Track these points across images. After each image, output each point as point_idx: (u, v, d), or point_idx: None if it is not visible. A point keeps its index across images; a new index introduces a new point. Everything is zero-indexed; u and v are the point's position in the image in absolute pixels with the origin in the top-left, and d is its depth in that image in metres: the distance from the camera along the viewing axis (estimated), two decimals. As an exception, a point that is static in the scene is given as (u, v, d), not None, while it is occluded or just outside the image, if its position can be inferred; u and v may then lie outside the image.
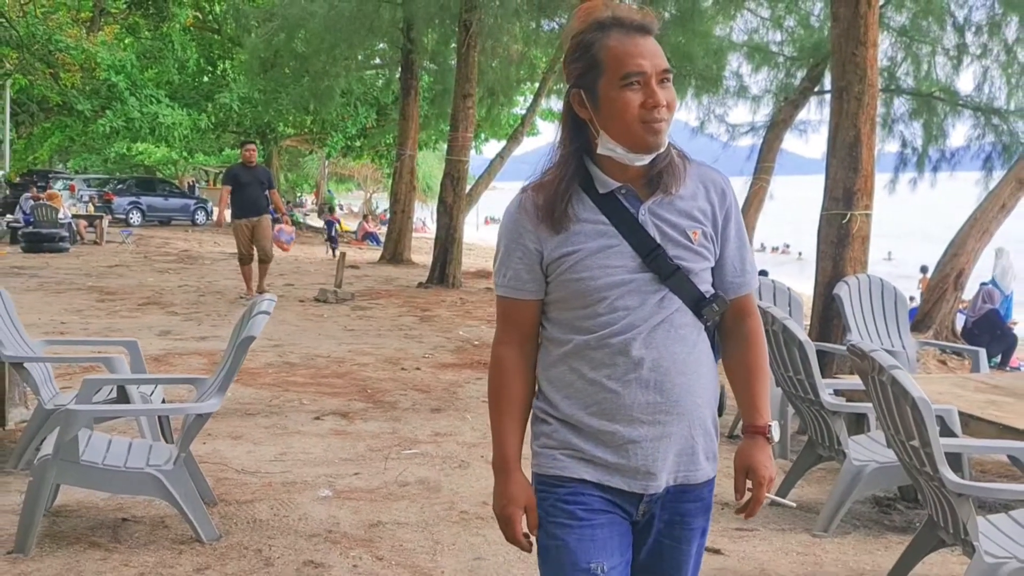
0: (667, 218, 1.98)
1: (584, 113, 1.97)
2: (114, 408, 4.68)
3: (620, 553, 2.01)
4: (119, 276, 15.49)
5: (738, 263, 2.08)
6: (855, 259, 7.08)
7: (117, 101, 25.91)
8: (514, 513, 2.01)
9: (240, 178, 12.42)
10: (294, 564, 3.88)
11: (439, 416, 6.59)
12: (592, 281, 1.94)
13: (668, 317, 1.96)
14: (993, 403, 4.91)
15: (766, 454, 2.06)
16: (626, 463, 1.97)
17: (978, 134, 15.68)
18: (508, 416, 2.05)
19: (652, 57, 1.92)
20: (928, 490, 3.67)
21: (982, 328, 13.15)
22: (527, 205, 2.01)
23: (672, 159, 2.00)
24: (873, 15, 6.84)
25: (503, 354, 2.07)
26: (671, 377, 1.96)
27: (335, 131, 30.91)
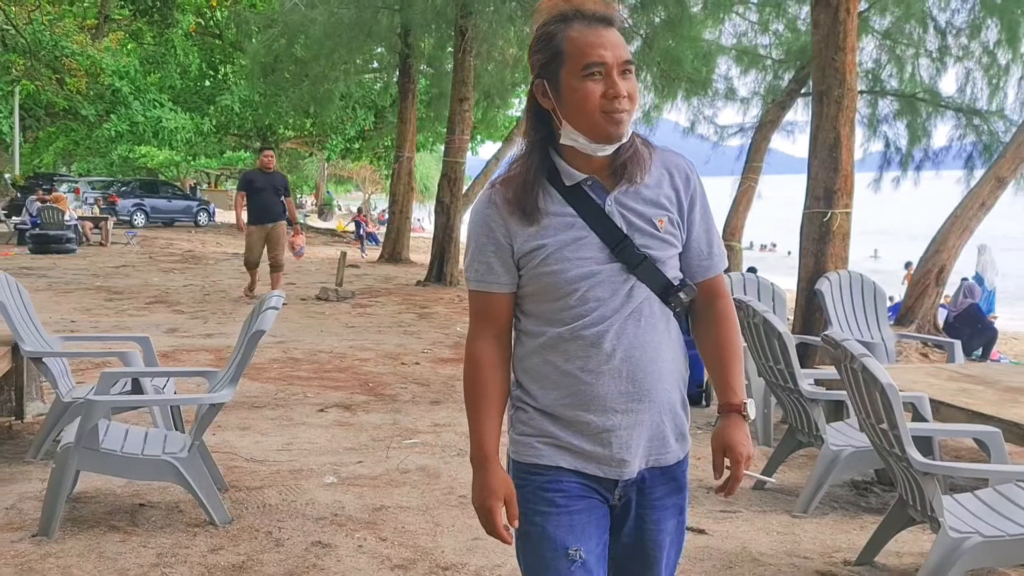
0: (633, 207, 1.97)
1: (547, 103, 1.95)
2: (132, 399, 4.84)
3: (597, 537, 2.02)
4: (125, 276, 15.63)
5: (705, 247, 2.07)
6: (836, 255, 7.25)
7: (121, 106, 26.07)
8: (494, 505, 1.99)
9: (255, 183, 12.19)
10: (303, 544, 4.05)
11: (438, 408, 6.76)
12: (563, 274, 1.94)
13: (638, 307, 1.95)
14: (964, 391, 5.08)
15: (743, 432, 2.05)
16: (601, 451, 1.98)
17: (960, 134, 15.86)
18: (485, 411, 2.03)
19: (614, 48, 1.89)
20: (898, 470, 3.84)
21: (963, 322, 13.31)
22: (496, 200, 1.99)
23: (636, 148, 1.99)
24: (852, 22, 7.01)
25: (478, 349, 2.05)
26: (642, 366, 1.96)
27: (334, 134, 31.08)
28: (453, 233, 16.19)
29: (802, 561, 4.08)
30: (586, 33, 1.89)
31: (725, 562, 4.00)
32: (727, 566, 3.96)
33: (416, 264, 19.62)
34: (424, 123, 25.14)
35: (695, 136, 19.26)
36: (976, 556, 3.54)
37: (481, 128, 25.77)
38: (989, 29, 14.98)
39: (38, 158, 36.68)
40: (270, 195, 12.19)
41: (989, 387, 5.20)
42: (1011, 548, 3.58)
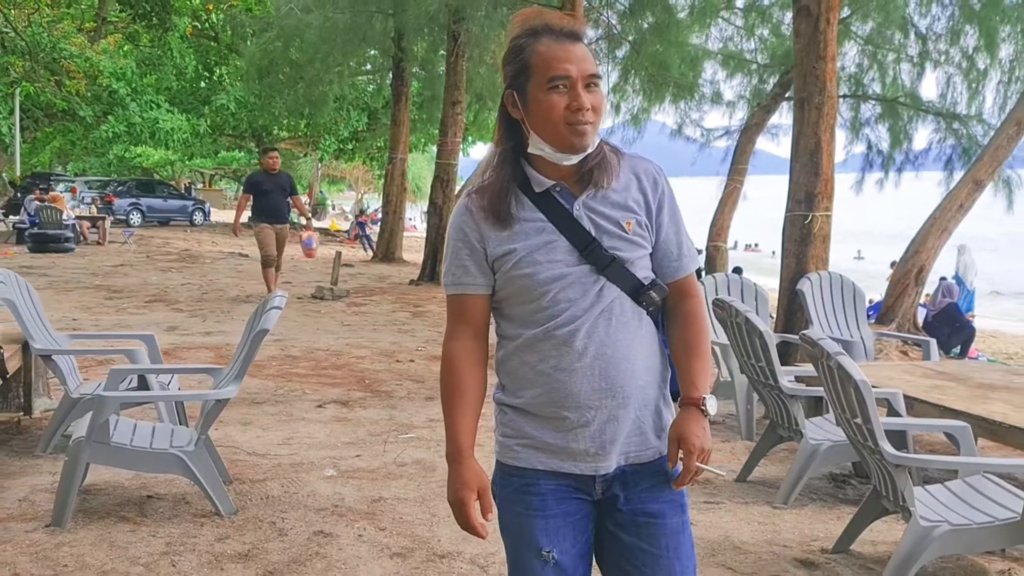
0: (601, 211, 2.01)
1: (516, 113, 2.00)
2: (141, 394, 4.94)
3: (573, 539, 2.05)
4: (124, 275, 15.70)
5: (674, 248, 2.10)
6: (817, 257, 7.39)
7: (119, 107, 26.12)
8: (467, 496, 2.02)
9: (262, 185, 12.08)
10: (305, 534, 4.17)
11: (432, 404, 6.87)
12: (534, 276, 1.98)
13: (608, 306, 1.99)
14: (937, 387, 5.23)
15: (700, 425, 2.03)
16: (576, 446, 2.01)
17: (939, 137, 16.06)
18: (460, 409, 2.06)
19: (579, 62, 1.94)
20: (872, 463, 3.98)
21: (942, 321, 13.48)
22: (471, 207, 2.04)
23: (604, 156, 2.03)
24: (832, 31, 7.16)
25: (454, 350, 2.08)
26: (615, 363, 1.98)
27: (328, 134, 31.16)
28: (446, 233, 16.29)
29: (782, 549, 4.22)
30: (553, 48, 1.94)
31: (708, 550, 4.14)
32: (710, 554, 4.10)
33: (409, 263, 19.75)
34: (416, 125, 25.24)
35: (682, 138, 19.45)
36: (945, 544, 3.68)
37: (472, 130, 25.89)
38: (968, 35, 15.17)
39: (35, 158, 36.61)
40: (278, 196, 12.13)
41: (961, 384, 5.35)
42: (978, 536, 3.73)
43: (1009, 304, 27.19)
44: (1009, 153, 12.59)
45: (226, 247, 23.76)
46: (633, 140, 18.35)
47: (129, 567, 3.73)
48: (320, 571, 3.76)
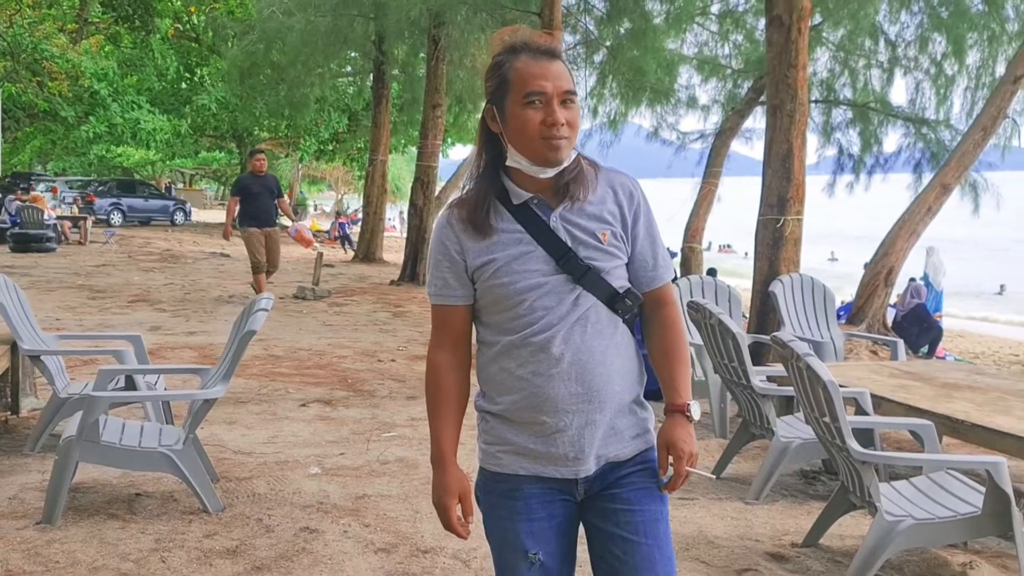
0: (577, 223, 2.05)
1: (495, 127, 2.05)
2: (130, 395, 4.98)
3: (557, 541, 2.10)
4: (107, 275, 15.65)
5: (650, 258, 2.13)
6: (789, 259, 7.51)
7: (100, 107, 25.98)
8: (449, 502, 2.09)
9: (251, 188, 11.89)
10: (292, 530, 4.23)
11: (414, 403, 6.94)
12: (512, 285, 2.02)
13: (584, 314, 2.03)
14: (903, 387, 5.36)
15: (686, 431, 2.09)
16: (555, 451, 2.05)
17: (909, 142, 16.28)
18: (444, 415, 2.12)
19: (555, 79, 1.98)
20: (839, 460, 4.09)
21: (911, 321, 13.68)
22: (452, 220, 2.09)
23: (581, 169, 2.07)
24: (803, 41, 7.28)
25: (438, 358, 2.15)
26: (590, 369, 2.02)
27: (308, 136, 31.12)
28: (426, 234, 16.36)
29: (753, 543, 4.32)
30: (530, 65, 1.98)
31: (683, 545, 4.23)
32: (685, 548, 4.19)
33: (389, 264, 19.79)
34: (396, 127, 25.27)
35: (658, 140, 19.57)
36: (909, 537, 3.80)
37: (452, 132, 25.94)
38: (936, 42, 15.37)
39: (15, 157, 36.33)
40: (266, 199, 11.95)
41: (927, 383, 5.48)
42: (940, 530, 3.85)
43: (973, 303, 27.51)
44: (975, 158, 12.78)
45: (207, 247, 23.70)
46: (610, 143, 18.45)
47: (120, 563, 3.78)
48: (307, 566, 3.83)
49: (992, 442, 4.44)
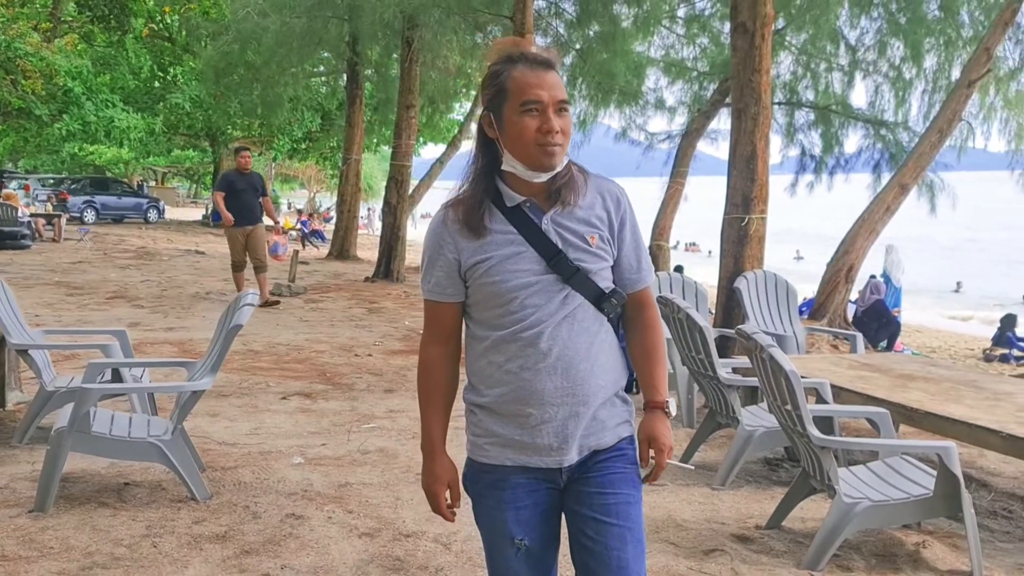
0: (567, 226, 2.11)
1: (492, 133, 2.11)
2: (121, 386, 5.06)
3: (541, 527, 2.18)
4: (83, 272, 15.59)
5: (634, 262, 2.21)
6: (753, 256, 7.69)
7: (74, 105, 25.78)
8: (439, 490, 2.19)
9: (235, 185, 11.63)
10: (278, 516, 4.33)
11: (392, 396, 7.05)
12: (504, 284, 2.08)
13: (571, 312, 2.10)
14: (861, 378, 5.55)
15: (665, 426, 2.20)
16: (540, 441, 2.11)
17: (868, 143, 16.56)
18: (434, 406, 2.21)
19: (551, 89, 2.04)
20: (801, 446, 4.26)
21: (870, 316, 13.93)
22: (447, 220, 2.14)
23: (572, 175, 2.13)
24: (766, 47, 7.46)
25: (429, 352, 2.23)
26: (575, 364, 2.09)
27: (282, 134, 31.03)
28: (400, 232, 16.46)
29: (720, 526, 4.48)
30: (527, 74, 2.05)
31: (653, 527, 4.38)
32: (655, 531, 4.34)
33: (363, 261, 19.83)
34: (370, 126, 25.28)
35: (627, 141, 19.74)
36: (865, 518, 3.97)
37: (425, 132, 25.99)
38: (895, 47, 15.65)
39: (-14, 154, 36.00)
40: (250, 196, 11.71)
41: (884, 375, 5.67)
42: (895, 511, 4.03)
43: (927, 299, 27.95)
44: (932, 159, 13.05)
45: (182, 244, 23.62)
46: (580, 143, 18.57)
47: (113, 548, 3.86)
48: (294, 550, 3.93)
49: (943, 429, 4.63)
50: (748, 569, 3.94)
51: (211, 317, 10.76)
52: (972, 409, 4.78)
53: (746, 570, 3.93)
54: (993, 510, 4.98)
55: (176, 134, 32.94)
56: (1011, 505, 5.08)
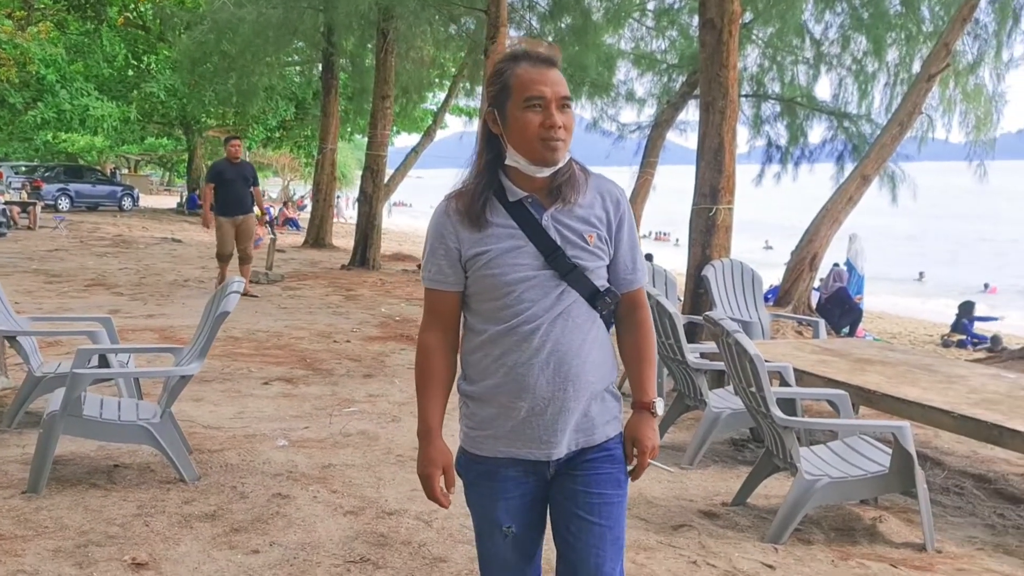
0: (567, 223, 2.13)
1: (496, 129, 2.13)
2: (111, 371, 5.13)
3: (529, 516, 2.24)
4: (60, 260, 15.51)
5: (629, 262, 2.23)
6: (720, 245, 7.85)
7: (48, 94, 25.54)
8: (433, 473, 2.18)
9: (225, 174, 11.29)
10: (265, 496, 4.44)
11: (371, 381, 7.16)
12: (502, 277, 2.10)
13: (566, 309, 2.12)
14: (823, 362, 5.73)
15: (651, 426, 2.23)
16: (531, 434, 2.15)
17: (832, 135, 16.81)
18: (431, 393, 2.21)
19: (553, 85, 2.07)
20: (764, 426, 4.42)
21: (833, 303, 14.20)
22: (449, 211, 2.16)
23: (573, 173, 2.15)
24: (733, 42, 7.60)
25: (428, 340, 2.23)
26: (568, 360, 2.11)
27: (256, 123, 30.87)
28: (375, 220, 16.52)
29: (688, 503, 4.64)
30: (531, 71, 2.08)
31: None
32: (627, 507, 4.48)
33: (339, 249, 19.85)
34: (345, 116, 25.24)
35: (598, 131, 19.88)
36: (825, 494, 4.15)
37: (399, 121, 25.98)
38: (858, 41, 15.89)
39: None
40: (240, 186, 11.37)
41: (843, 359, 5.86)
42: (853, 487, 4.21)
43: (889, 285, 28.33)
44: (893, 151, 13.31)
45: (158, 232, 23.50)
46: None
47: (106, 527, 3.96)
48: (282, 528, 4.05)
49: (899, 410, 4.82)
50: (714, 543, 4.11)
51: (190, 304, 10.81)
52: (926, 391, 4.98)
53: (712, 544, 4.10)
54: (946, 487, 5.18)
55: (150, 122, 32.69)
56: (963, 482, 5.29)
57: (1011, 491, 5.18)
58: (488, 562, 2.31)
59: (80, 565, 3.57)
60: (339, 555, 3.77)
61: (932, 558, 4.07)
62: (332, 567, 3.65)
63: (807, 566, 3.90)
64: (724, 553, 4.00)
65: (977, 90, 14.78)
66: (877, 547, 4.18)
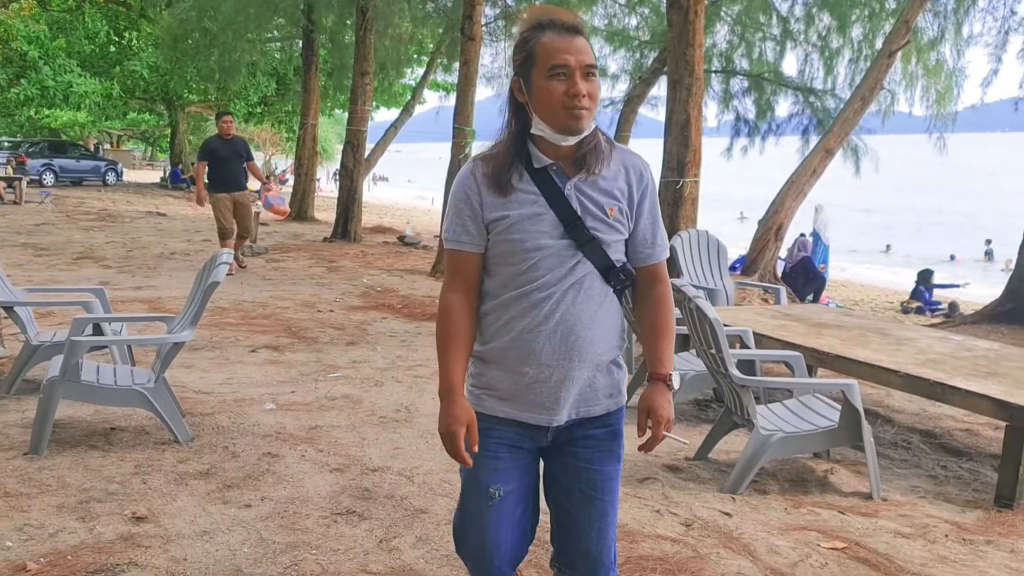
0: (589, 194, 2.10)
1: (522, 98, 2.09)
2: (107, 339, 5.25)
3: (519, 480, 2.23)
4: (47, 234, 15.49)
5: (649, 236, 2.20)
6: (687, 217, 8.04)
7: (32, 70, 25.31)
8: (458, 430, 2.11)
9: (218, 152, 10.96)
10: (255, 455, 4.60)
11: (354, 348, 7.30)
12: (521, 243, 2.08)
13: (580, 280, 2.10)
14: (782, 326, 5.93)
15: (666, 398, 2.19)
16: (534, 398, 2.14)
17: (799, 110, 17.01)
18: (453, 351, 2.15)
19: (577, 54, 2.01)
20: (724, 386, 4.62)
21: (797, 272, 14.44)
22: (476, 173, 2.13)
23: (598, 143, 2.12)
24: (699, 22, 7.74)
25: (450, 299, 2.18)
26: (576, 330, 2.10)
27: (238, 99, 30.71)
28: (356, 194, 16.59)
29: (653, 458, 4.83)
30: (555, 40, 2.02)
31: (594, 460, 4.72)
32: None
33: (321, 222, 19.91)
34: (325, 92, 25.20)
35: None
36: (780, 448, 4.36)
37: (378, 96, 25.96)
38: (822, 19, 16.06)
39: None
40: (234, 163, 11.05)
41: (802, 323, 6.07)
42: (805, 441, 4.42)
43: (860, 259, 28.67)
44: (855, 125, 13.54)
45: (142, 207, 23.43)
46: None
47: (106, 485, 4.11)
48: (272, 484, 4.21)
49: (851, 370, 5.04)
50: (677, 494, 4.31)
51: (177, 276, 10.90)
52: (877, 352, 5.20)
53: (675, 495, 4.30)
54: (895, 442, 5.41)
55: (132, 98, 32.44)
56: (911, 438, 5.52)
57: (954, 445, 5.42)
58: (468, 524, 2.30)
59: (83, 519, 3.71)
60: (326, 508, 3.94)
61: (878, 505, 4.30)
62: (320, 519, 3.82)
63: (762, 513, 4.11)
64: (685, 503, 4.20)
65: (938, 66, 15.01)
66: (828, 496, 4.40)
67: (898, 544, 3.82)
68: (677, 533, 3.84)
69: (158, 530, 3.63)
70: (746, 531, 3.89)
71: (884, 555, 3.70)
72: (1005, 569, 3.65)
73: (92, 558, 3.35)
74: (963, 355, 5.25)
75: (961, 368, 4.88)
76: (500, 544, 2.24)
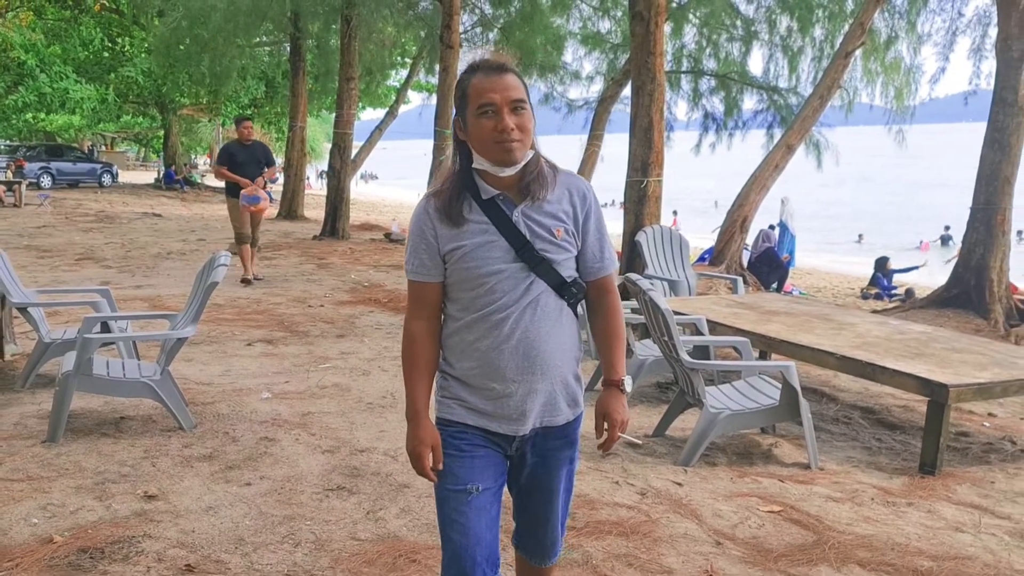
0: (536, 219, 2.16)
1: (462, 135, 2.16)
2: (117, 336, 5.52)
3: (493, 478, 2.26)
4: (48, 236, 15.67)
5: (597, 252, 2.26)
6: (651, 214, 8.35)
7: (29, 78, 25.40)
8: (423, 451, 2.19)
9: (236, 157, 10.48)
10: (254, 439, 4.90)
11: (343, 340, 7.59)
12: (476, 269, 2.14)
13: (535, 298, 2.16)
14: (735, 314, 6.26)
15: (620, 402, 2.29)
16: (501, 411, 2.21)
17: (763, 107, 17.36)
18: (418, 376, 2.23)
19: (503, 91, 2.07)
20: (677, 369, 4.94)
21: (762, 262, 14.78)
22: (429, 208, 2.19)
23: (541, 170, 2.17)
24: (660, 32, 8.04)
25: (413, 327, 2.25)
26: (536, 346, 2.16)
27: (229, 102, 30.85)
28: (344, 194, 16.85)
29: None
30: (483, 80, 2.09)
31: (561, 439, 5.03)
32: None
33: (310, 220, 20.13)
34: (311, 95, 25.39)
35: (549, 106, 20.29)
36: (727, 424, 4.69)
37: (364, 98, 26.18)
38: (785, 21, 16.39)
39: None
40: (252, 169, 10.52)
41: (753, 311, 6.40)
42: (750, 418, 4.76)
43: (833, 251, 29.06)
44: (815, 122, 13.86)
45: (138, 207, 23.58)
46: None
47: (119, 468, 4.39)
48: (270, 464, 4.51)
49: (795, 353, 5.38)
50: (634, 467, 4.64)
51: (176, 275, 11.14)
52: (819, 337, 5.54)
53: (633, 468, 4.63)
54: (836, 418, 5.76)
55: (126, 102, 32.52)
56: (851, 414, 5.87)
57: (891, 420, 5.78)
58: (449, 530, 2.26)
59: (100, 498, 4.00)
60: (319, 484, 4.25)
61: (814, 474, 4.64)
62: (313, 494, 4.13)
63: (710, 483, 4.44)
64: (642, 475, 4.53)
65: (895, 63, 15.37)
66: (770, 467, 4.74)
67: (828, 507, 4.17)
68: (633, 501, 4.17)
69: (168, 507, 3.93)
70: (695, 498, 4.22)
71: (815, 516, 4.04)
72: (921, 527, 4.00)
73: (110, 531, 3.64)
74: (896, 338, 5.59)
75: (893, 350, 5.23)
76: (481, 540, 2.25)
